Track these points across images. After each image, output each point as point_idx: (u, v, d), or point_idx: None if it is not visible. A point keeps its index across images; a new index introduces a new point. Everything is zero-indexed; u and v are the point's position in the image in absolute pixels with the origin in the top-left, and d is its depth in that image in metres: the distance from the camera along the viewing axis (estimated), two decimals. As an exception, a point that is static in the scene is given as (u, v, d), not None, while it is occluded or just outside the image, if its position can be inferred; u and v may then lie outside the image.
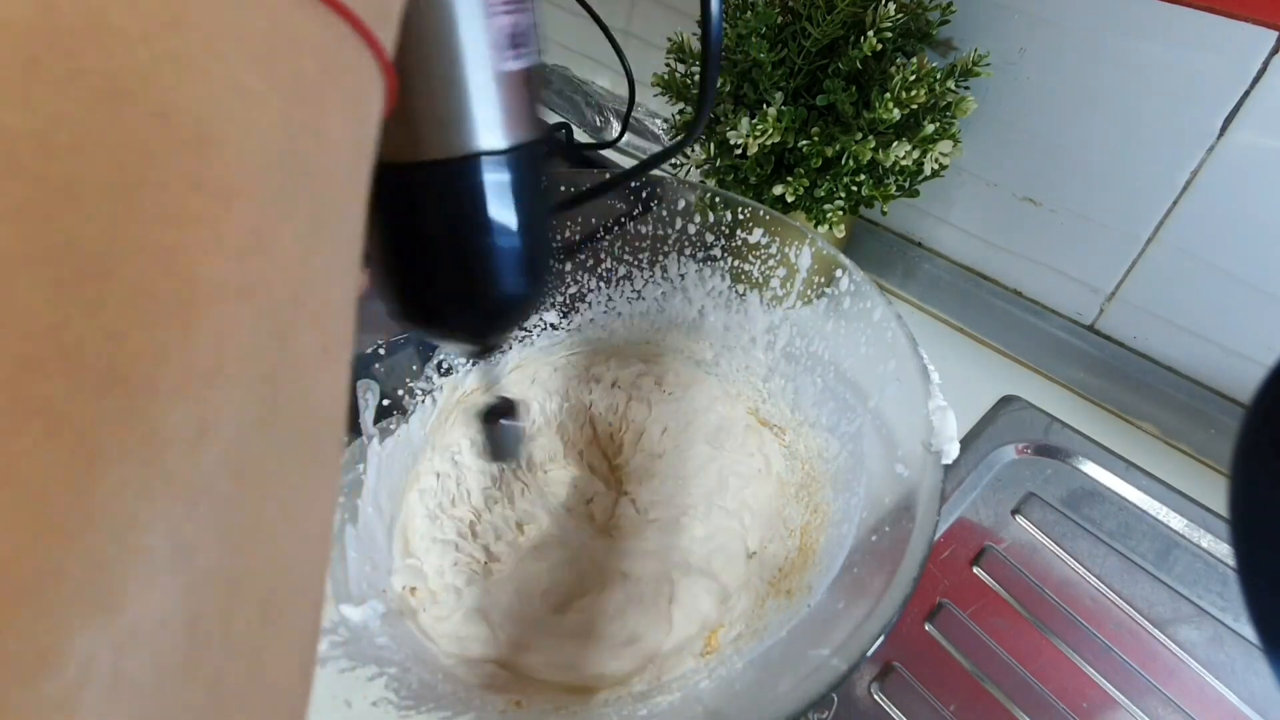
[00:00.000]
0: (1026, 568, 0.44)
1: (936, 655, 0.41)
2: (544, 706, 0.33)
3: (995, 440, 0.50)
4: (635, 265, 0.47)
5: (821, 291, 0.42)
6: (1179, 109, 0.44)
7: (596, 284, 0.47)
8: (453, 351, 0.43)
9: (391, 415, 0.41)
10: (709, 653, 0.36)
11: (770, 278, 0.44)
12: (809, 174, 0.49)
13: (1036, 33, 0.48)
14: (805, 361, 0.44)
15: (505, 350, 0.47)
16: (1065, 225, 0.53)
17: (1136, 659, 0.40)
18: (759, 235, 0.43)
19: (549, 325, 0.48)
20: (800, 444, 0.44)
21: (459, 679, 0.34)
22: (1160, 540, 0.45)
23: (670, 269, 0.47)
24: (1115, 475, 0.48)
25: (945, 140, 0.48)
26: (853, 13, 0.45)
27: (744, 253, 0.44)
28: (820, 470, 0.42)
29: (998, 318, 0.59)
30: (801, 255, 0.42)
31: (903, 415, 0.35)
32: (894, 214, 0.63)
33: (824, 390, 0.42)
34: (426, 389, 0.44)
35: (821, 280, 0.42)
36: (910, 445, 0.33)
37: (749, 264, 0.44)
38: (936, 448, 0.31)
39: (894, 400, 0.36)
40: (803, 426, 0.44)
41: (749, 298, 0.45)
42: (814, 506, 0.41)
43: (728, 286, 0.46)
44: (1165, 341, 0.52)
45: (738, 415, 0.47)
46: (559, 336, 0.48)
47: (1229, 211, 0.45)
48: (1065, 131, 0.49)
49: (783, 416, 0.46)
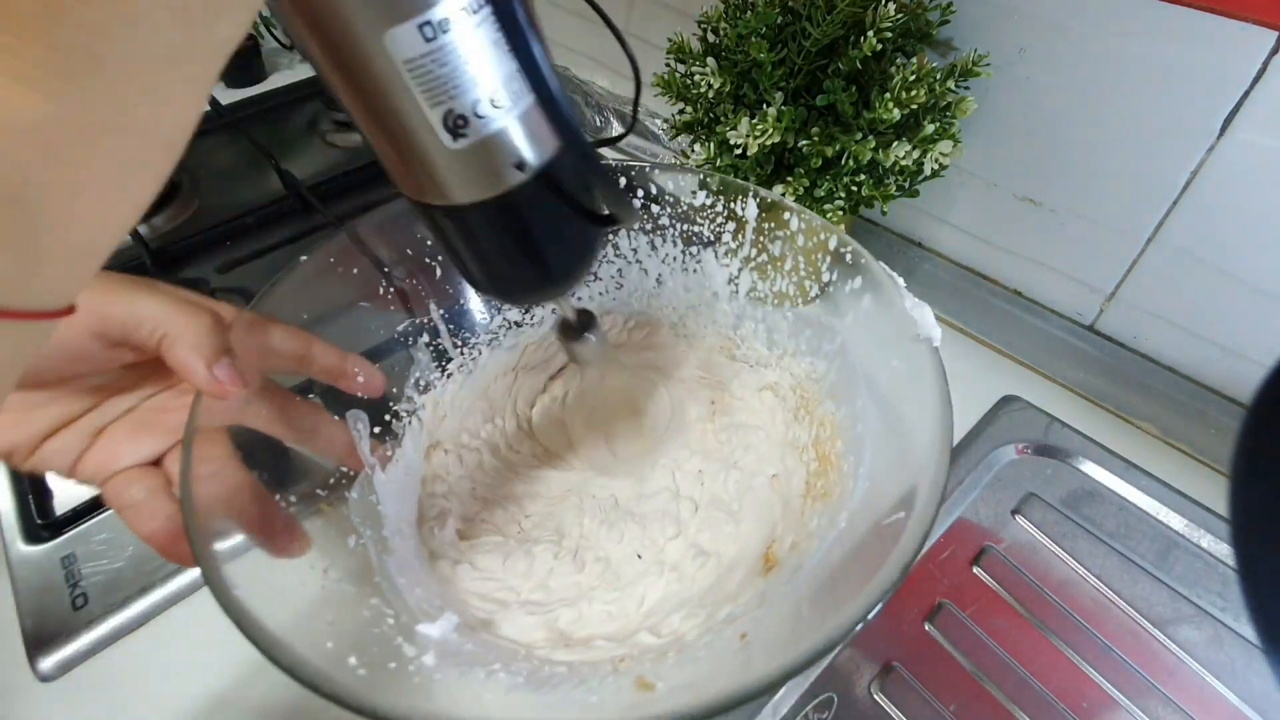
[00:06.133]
0: (1026, 568, 0.44)
1: (936, 655, 0.41)
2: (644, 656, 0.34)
3: (995, 440, 0.50)
4: None
5: (775, 237, 0.43)
6: (1179, 109, 0.44)
7: None
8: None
9: (385, 441, 0.41)
10: (770, 569, 0.38)
11: (721, 234, 0.45)
12: (809, 174, 0.49)
13: (1036, 33, 0.48)
14: (772, 301, 0.45)
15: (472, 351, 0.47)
16: (1065, 225, 0.53)
17: (1136, 659, 0.40)
18: (703, 197, 0.44)
19: (512, 324, 0.48)
20: (786, 373, 0.46)
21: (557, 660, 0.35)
22: (1160, 540, 0.45)
23: (622, 245, 0.47)
24: (1115, 475, 0.48)
25: (945, 140, 0.48)
26: (853, 13, 0.45)
27: (691, 216, 0.45)
28: (813, 390, 0.44)
29: (998, 318, 0.59)
30: (748, 207, 0.43)
31: (881, 320, 0.37)
32: (894, 214, 0.63)
33: (796, 321, 0.45)
34: (410, 409, 0.43)
35: (772, 226, 0.43)
36: (898, 342, 0.35)
37: (698, 225, 0.45)
38: (925, 334, 0.34)
39: (869, 312, 0.38)
40: (784, 358, 0.46)
41: (704, 256, 0.46)
42: (818, 421, 0.43)
43: (681, 250, 0.47)
44: (1165, 341, 0.52)
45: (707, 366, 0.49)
46: (525, 333, 0.49)
47: (1229, 211, 0.45)
48: (1065, 131, 0.49)
49: (760, 356, 0.48)
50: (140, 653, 0.42)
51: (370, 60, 0.19)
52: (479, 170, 0.22)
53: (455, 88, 0.20)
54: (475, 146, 0.21)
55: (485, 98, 0.21)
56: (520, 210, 0.24)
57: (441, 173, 0.22)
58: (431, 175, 0.22)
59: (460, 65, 0.20)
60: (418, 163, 0.22)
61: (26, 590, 0.44)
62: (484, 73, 0.20)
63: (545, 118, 0.22)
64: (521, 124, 0.22)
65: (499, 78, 0.21)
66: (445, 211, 0.24)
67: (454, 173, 0.22)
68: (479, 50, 0.20)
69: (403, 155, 0.22)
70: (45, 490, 0.50)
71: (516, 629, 0.36)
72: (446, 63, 0.20)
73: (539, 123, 0.22)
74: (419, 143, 0.21)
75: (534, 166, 0.23)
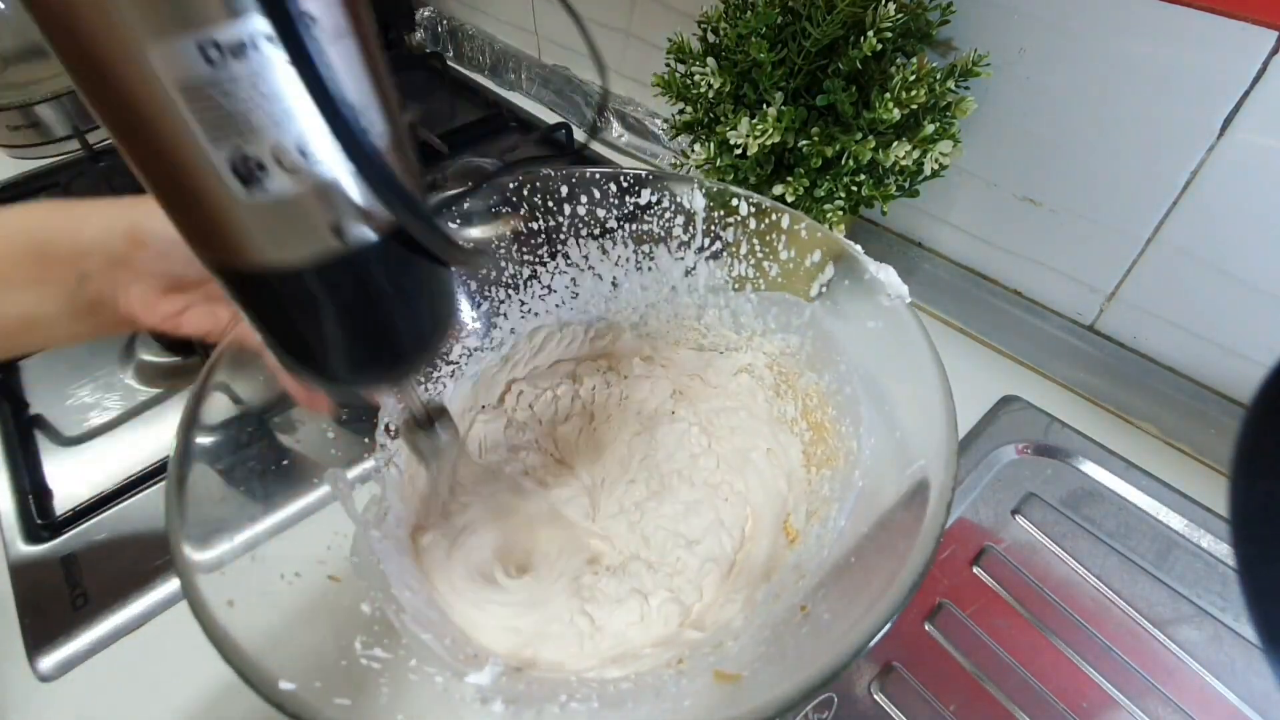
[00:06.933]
0: (1026, 568, 0.44)
1: (936, 655, 0.41)
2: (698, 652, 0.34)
3: (995, 440, 0.50)
4: (537, 263, 0.46)
5: (726, 224, 0.44)
6: (1179, 109, 0.44)
7: (505, 294, 0.46)
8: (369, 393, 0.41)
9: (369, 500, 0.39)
10: (793, 541, 0.39)
11: (671, 229, 0.45)
12: (809, 174, 0.49)
13: (1036, 33, 0.48)
14: (733, 286, 0.45)
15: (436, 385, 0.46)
16: (1065, 225, 0.53)
17: (1136, 659, 0.40)
18: (647, 195, 0.44)
19: (471, 350, 0.47)
20: (759, 354, 0.46)
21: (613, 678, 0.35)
22: (1160, 540, 0.45)
23: (573, 254, 0.46)
24: (1115, 475, 0.48)
25: (945, 140, 0.48)
26: (853, 13, 0.45)
27: (639, 216, 0.45)
28: (790, 364, 0.44)
29: (998, 318, 0.59)
30: (694, 199, 0.43)
31: (849, 289, 0.38)
32: (894, 214, 0.63)
33: (761, 303, 0.45)
34: (386, 456, 0.41)
35: (721, 214, 0.43)
36: (869, 303, 0.36)
37: (646, 224, 0.45)
38: (895, 294, 0.35)
39: (834, 281, 0.39)
40: (754, 338, 0.46)
41: (657, 253, 0.46)
42: (802, 393, 0.43)
43: (633, 251, 0.46)
44: (1165, 341, 0.52)
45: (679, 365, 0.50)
46: (485, 356, 0.47)
47: (1229, 211, 0.45)
48: (1065, 131, 0.49)
49: (729, 340, 0.48)
50: (140, 653, 0.42)
51: (137, 79, 0.16)
52: (285, 230, 0.19)
53: (247, 127, 0.16)
54: (277, 202, 0.18)
55: (291, 145, 0.17)
56: (343, 279, 0.20)
57: (235, 227, 0.18)
58: (222, 230, 0.18)
59: (258, 102, 0.16)
60: (203, 213, 0.18)
61: (26, 590, 0.44)
62: (289, 116, 0.17)
63: (373, 176, 0.18)
64: (335, 184, 0.18)
65: (306, 126, 0.17)
66: (245, 277, 0.20)
67: (252, 230, 0.18)
68: (284, 87, 0.16)
69: (184, 202, 0.18)
70: (45, 490, 0.50)
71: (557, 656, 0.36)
72: (236, 96, 0.16)
73: (360, 184, 0.19)
74: (201, 186, 0.17)
75: (353, 235, 0.19)
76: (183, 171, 0.17)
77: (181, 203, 0.19)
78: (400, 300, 0.22)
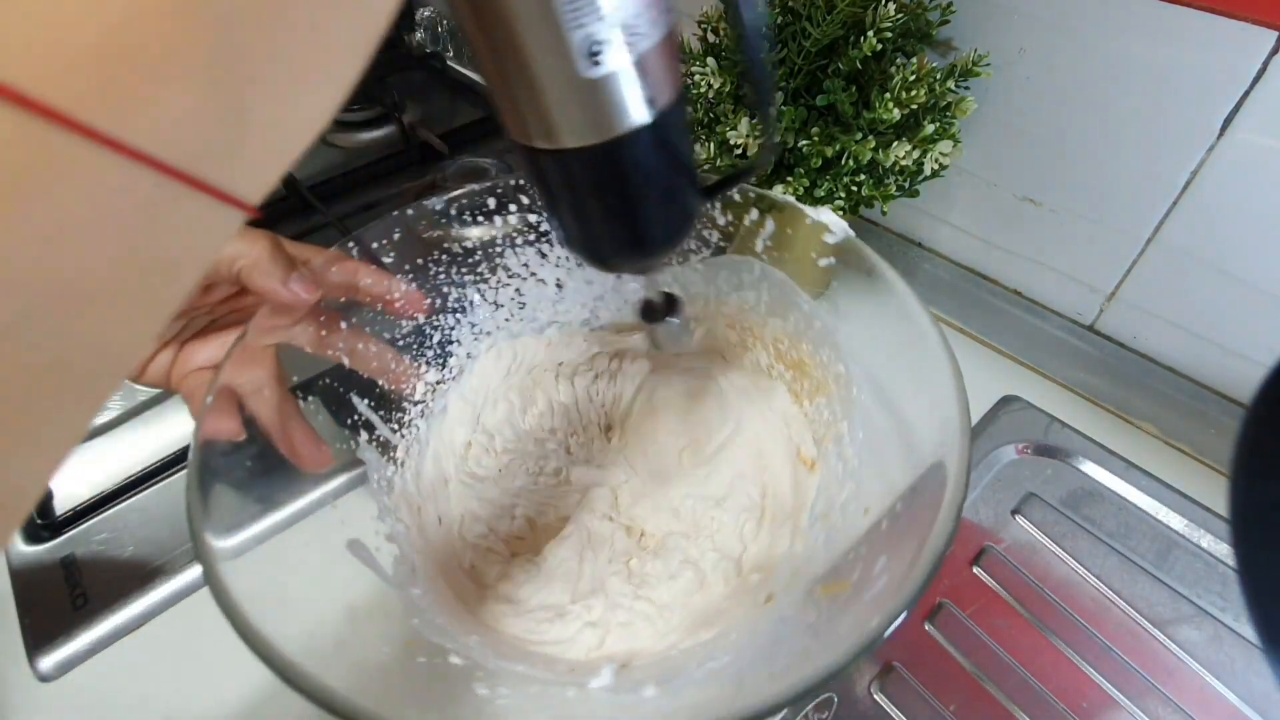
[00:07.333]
0: (1026, 568, 0.44)
1: (936, 655, 0.40)
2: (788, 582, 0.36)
3: (995, 440, 0.50)
4: (479, 280, 0.45)
5: None
6: (1179, 109, 0.44)
7: (454, 320, 0.46)
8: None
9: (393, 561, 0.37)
10: (812, 468, 0.42)
11: None
12: (809, 174, 0.49)
13: (1036, 33, 0.48)
14: (676, 260, 0.45)
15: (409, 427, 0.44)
16: (1065, 225, 0.53)
17: (1136, 659, 0.40)
18: None
19: (433, 385, 0.45)
20: (718, 317, 0.47)
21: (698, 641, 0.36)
22: (1160, 540, 0.45)
23: (511, 265, 0.46)
24: (1115, 475, 0.48)
25: (945, 140, 0.48)
26: (853, 13, 0.45)
27: None
28: (752, 319, 0.46)
29: (998, 318, 0.59)
30: None
31: (791, 235, 0.40)
32: (894, 214, 0.63)
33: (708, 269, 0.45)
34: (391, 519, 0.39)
35: None
36: (816, 246, 0.39)
37: None
38: (838, 231, 0.37)
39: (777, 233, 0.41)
40: (709, 304, 0.47)
41: None
42: (771, 340, 0.45)
43: None
44: (1165, 341, 0.52)
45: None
46: (447, 389, 0.46)
47: (1229, 212, 0.45)
48: (1065, 131, 0.49)
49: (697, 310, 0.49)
50: (140, 653, 0.42)
51: None
52: (603, 107, 0.21)
53: (599, 10, 0.19)
54: (608, 78, 0.20)
55: (629, 22, 0.19)
56: (636, 157, 0.23)
57: (563, 107, 0.21)
58: (550, 111, 0.21)
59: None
60: (539, 96, 0.20)
61: (26, 590, 0.44)
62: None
63: (672, 54, 0.21)
64: (656, 56, 0.20)
65: (640, 3, 0.19)
66: (554, 156, 0.22)
67: (576, 108, 0.21)
68: None
69: (524, 87, 0.20)
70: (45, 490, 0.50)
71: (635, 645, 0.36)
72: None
73: (668, 59, 0.21)
74: (547, 71, 0.20)
75: (659, 107, 0.21)
76: (535, 57, 0.19)
77: (524, 89, 0.20)
78: (677, 171, 0.25)
